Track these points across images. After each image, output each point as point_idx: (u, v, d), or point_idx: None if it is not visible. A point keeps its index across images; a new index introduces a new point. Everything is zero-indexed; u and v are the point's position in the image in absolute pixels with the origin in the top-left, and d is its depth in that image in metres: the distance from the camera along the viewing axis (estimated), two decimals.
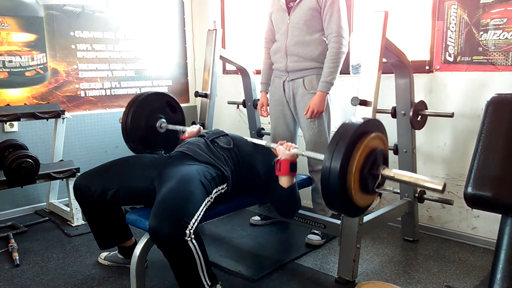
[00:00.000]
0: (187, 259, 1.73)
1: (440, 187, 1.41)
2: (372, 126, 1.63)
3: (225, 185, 2.06)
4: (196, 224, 1.74)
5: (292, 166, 2.09)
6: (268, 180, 2.21)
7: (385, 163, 1.62)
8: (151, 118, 2.69)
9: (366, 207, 1.72)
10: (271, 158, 2.26)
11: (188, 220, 1.72)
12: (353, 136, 1.50)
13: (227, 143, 2.21)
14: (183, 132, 2.58)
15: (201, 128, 2.55)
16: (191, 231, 1.71)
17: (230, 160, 2.14)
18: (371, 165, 1.54)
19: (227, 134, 2.29)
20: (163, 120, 2.71)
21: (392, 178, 1.56)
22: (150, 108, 2.68)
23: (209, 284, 1.80)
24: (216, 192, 2.00)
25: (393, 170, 1.57)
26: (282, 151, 2.10)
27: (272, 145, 2.19)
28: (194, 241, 1.72)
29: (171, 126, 2.71)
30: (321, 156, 1.67)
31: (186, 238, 1.69)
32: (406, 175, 1.54)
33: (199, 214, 1.79)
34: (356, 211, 1.70)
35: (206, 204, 1.88)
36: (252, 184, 2.25)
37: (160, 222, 1.69)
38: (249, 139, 2.36)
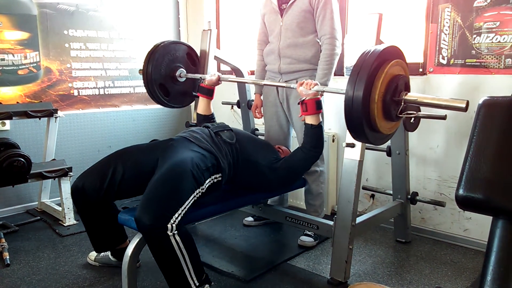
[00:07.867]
0: (169, 255, 1.72)
1: (463, 105, 1.44)
2: (392, 53, 1.62)
3: (219, 175, 2.05)
4: (179, 218, 1.73)
5: (318, 104, 2.11)
6: (275, 164, 2.26)
7: (407, 89, 1.62)
8: (171, 66, 2.74)
9: (390, 134, 1.73)
10: (273, 151, 2.35)
11: (171, 215, 1.71)
12: (374, 64, 1.50)
13: (230, 137, 2.22)
14: (203, 79, 2.59)
15: (220, 76, 2.53)
16: (174, 225, 1.70)
17: (230, 155, 2.15)
18: (393, 91, 1.55)
19: (231, 129, 2.30)
20: (183, 69, 2.76)
21: (415, 102, 1.58)
22: (172, 56, 2.73)
23: (197, 284, 1.78)
24: (209, 182, 1.98)
25: (415, 94, 1.58)
26: (305, 91, 2.08)
27: (292, 85, 2.18)
28: (177, 237, 1.71)
29: (190, 75, 2.76)
30: (342, 90, 1.68)
31: (167, 232, 1.68)
32: (428, 97, 1.57)
33: (184, 209, 1.78)
34: (380, 139, 1.71)
35: (194, 197, 1.86)
36: (251, 181, 2.26)
37: (142, 214, 1.70)
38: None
